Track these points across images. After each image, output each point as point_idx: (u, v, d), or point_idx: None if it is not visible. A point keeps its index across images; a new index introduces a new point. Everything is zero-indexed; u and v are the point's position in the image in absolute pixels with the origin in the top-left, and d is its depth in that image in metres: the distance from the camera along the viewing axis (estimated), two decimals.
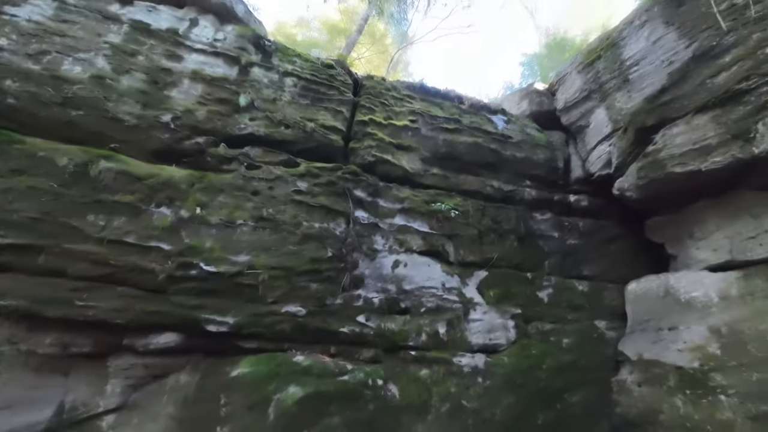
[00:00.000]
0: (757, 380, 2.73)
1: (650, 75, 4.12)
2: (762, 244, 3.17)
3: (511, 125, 5.23)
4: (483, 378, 3.33)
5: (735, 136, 3.14)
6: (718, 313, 3.19)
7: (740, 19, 3.37)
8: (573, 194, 5.05)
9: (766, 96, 2.96)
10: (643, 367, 3.42)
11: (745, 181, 3.35)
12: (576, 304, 4.15)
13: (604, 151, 4.70)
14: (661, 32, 4.11)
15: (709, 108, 3.34)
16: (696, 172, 3.43)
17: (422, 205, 4.20)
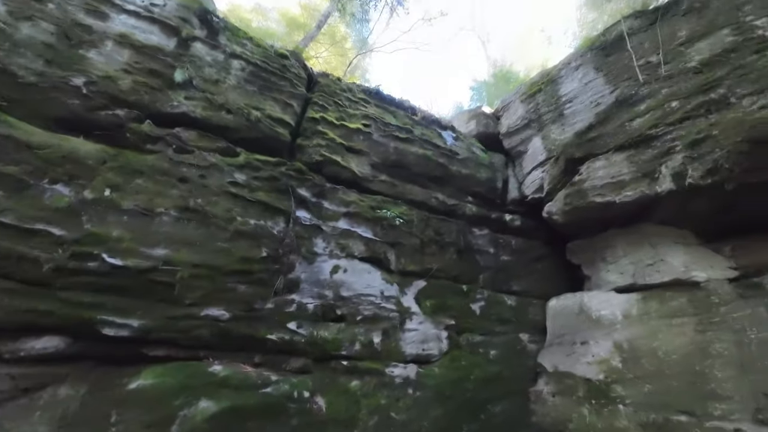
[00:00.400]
0: (648, 391, 3.09)
1: (581, 112, 4.59)
2: (659, 270, 3.64)
3: (459, 142, 5.44)
4: (414, 389, 3.31)
5: (644, 174, 3.59)
6: (622, 330, 3.57)
7: (653, 74, 3.91)
8: (509, 214, 5.38)
9: (670, 143, 3.44)
10: (557, 378, 3.69)
11: (648, 215, 3.83)
12: (504, 317, 4.38)
13: (538, 177, 5.10)
14: (592, 76, 4.61)
15: (625, 148, 3.78)
16: (611, 203, 3.85)
17: (368, 210, 4.12)
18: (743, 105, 3.08)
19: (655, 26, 4.15)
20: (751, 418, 2.56)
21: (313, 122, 4.17)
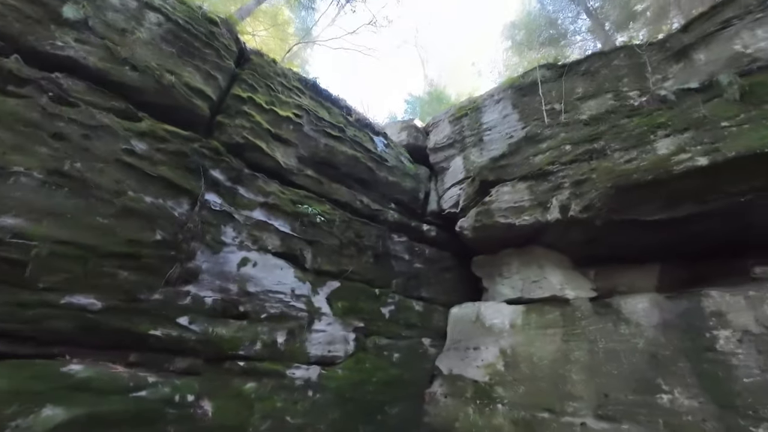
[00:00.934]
0: (522, 392, 3.53)
1: (497, 141, 5.11)
2: (541, 287, 4.22)
3: (389, 150, 5.57)
4: (314, 392, 3.22)
5: (539, 203, 4.15)
6: (507, 338, 4.03)
7: (555, 119, 4.57)
8: (426, 224, 5.68)
9: (561, 179, 4.03)
10: (451, 381, 3.98)
11: (538, 239, 4.43)
12: (411, 322, 4.58)
13: (455, 193, 5.51)
14: (509, 111, 5.19)
15: (527, 178, 4.32)
16: (512, 225, 4.35)
17: (289, 204, 3.93)
18: (615, 157, 3.78)
19: (561, 79, 4.87)
20: (593, 414, 3.10)
21: (238, 101, 3.83)
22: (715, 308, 3.12)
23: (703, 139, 3.36)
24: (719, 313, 3.08)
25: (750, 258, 3.58)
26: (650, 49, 4.59)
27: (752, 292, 3.05)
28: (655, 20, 8.80)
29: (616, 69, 4.70)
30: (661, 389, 2.94)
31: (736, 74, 3.51)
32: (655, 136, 3.63)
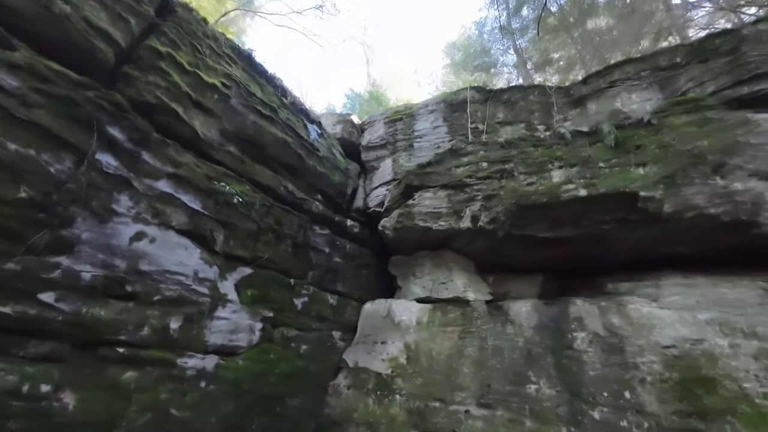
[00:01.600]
0: (419, 384, 3.79)
1: (426, 149, 5.42)
2: (448, 288, 4.59)
3: (322, 140, 5.48)
4: (207, 383, 2.98)
5: (455, 212, 4.51)
6: (413, 333, 4.28)
7: (478, 138, 5.03)
8: (351, 220, 5.73)
9: (475, 192, 4.45)
10: (355, 373, 4.08)
11: (450, 244, 4.81)
12: (323, 315, 4.56)
13: (382, 193, 5.68)
14: (440, 123, 5.54)
15: (448, 187, 4.67)
16: (429, 229, 4.65)
17: (203, 179, 3.59)
18: (519, 179, 4.32)
19: (487, 103, 5.39)
20: (476, 402, 3.48)
21: (154, 54, 3.37)
22: (577, 314, 3.78)
23: (586, 174, 4.04)
24: (579, 318, 3.74)
25: (606, 276, 4.43)
26: (558, 92, 5.36)
27: (603, 303, 3.78)
28: (566, 69, 10.36)
29: (531, 103, 5.37)
30: (530, 380, 3.45)
31: (614, 126, 4.31)
32: (552, 166, 4.25)
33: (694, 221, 3.71)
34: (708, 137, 3.75)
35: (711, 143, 3.70)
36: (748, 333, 3.22)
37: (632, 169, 3.91)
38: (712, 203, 3.62)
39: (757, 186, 3.55)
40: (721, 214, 3.61)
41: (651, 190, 3.72)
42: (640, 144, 4.03)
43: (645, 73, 4.77)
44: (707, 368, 3.03)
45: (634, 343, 3.37)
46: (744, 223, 3.61)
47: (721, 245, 3.91)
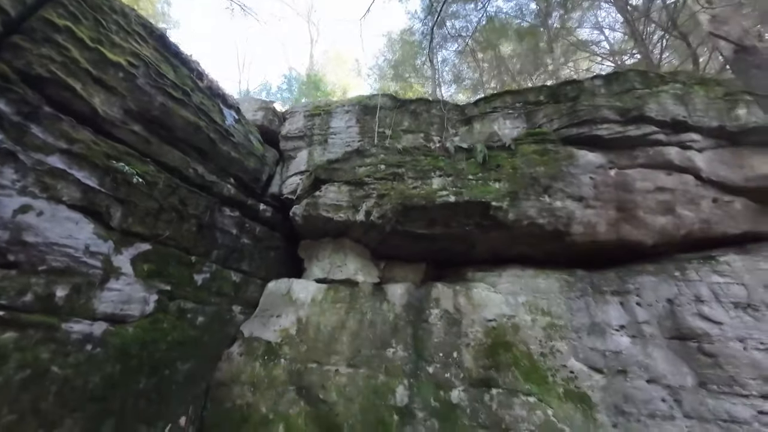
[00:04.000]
0: (303, 350, 4.44)
1: (338, 146, 5.97)
2: (342, 271, 5.28)
3: (239, 126, 5.70)
4: (93, 346, 3.26)
5: (353, 206, 5.17)
6: (306, 309, 4.91)
7: (382, 142, 5.72)
8: (264, 204, 6.09)
9: (371, 190, 5.15)
10: (248, 342, 4.59)
11: (349, 233, 5.49)
12: (224, 291, 4.94)
13: (296, 182, 6.12)
14: (353, 123, 6.12)
15: (350, 184, 5.30)
16: (331, 219, 5.26)
17: (101, 157, 3.71)
18: (408, 183, 5.11)
19: (395, 111, 6.09)
20: (346, 363, 4.25)
21: (48, 27, 3.38)
22: (437, 295, 4.74)
23: (457, 183, 4.97)
24: (438, 298, 4.70)
25: (471, 267, 5.49)
26: (454, 109, 6.26)
27: (457, 287, 4.78)
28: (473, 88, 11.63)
29: (432, 116, 6.21)
30: (391, 346, 4.31)
31: (485, 146, 5.30)
32: (434, 174, 5.11)
33: (529, 228, 4.85)
34: (545, 165, 4.89)
35: (545, 169, 4.84)
36: (546, 312, 4.43)
37: (491, 183, 4.92)
38: (540, 215, 4.77)
39: (571, 205, 4.78)
40: (546, 224, 4.79)
41: (500, 201, 4.76)
42: (500, 164, 5.07)
43: (518, 104, 5.86)
44: (510, 335, 4.15)
45: (469, 318, 4.40)
46: (561, 232, 4.84)
47: (548, 248, 5.14)
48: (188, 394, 3.98)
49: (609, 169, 4.91)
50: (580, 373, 3.91)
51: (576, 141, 5.10)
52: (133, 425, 3.42)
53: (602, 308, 4.40)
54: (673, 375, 3.84)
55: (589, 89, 5.43)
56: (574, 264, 5.13)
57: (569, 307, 4.47)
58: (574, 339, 4.16)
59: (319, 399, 3.83)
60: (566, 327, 4.26)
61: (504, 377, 3.76)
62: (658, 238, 4.85)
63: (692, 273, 4.52)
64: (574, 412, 3.55)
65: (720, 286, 4.40)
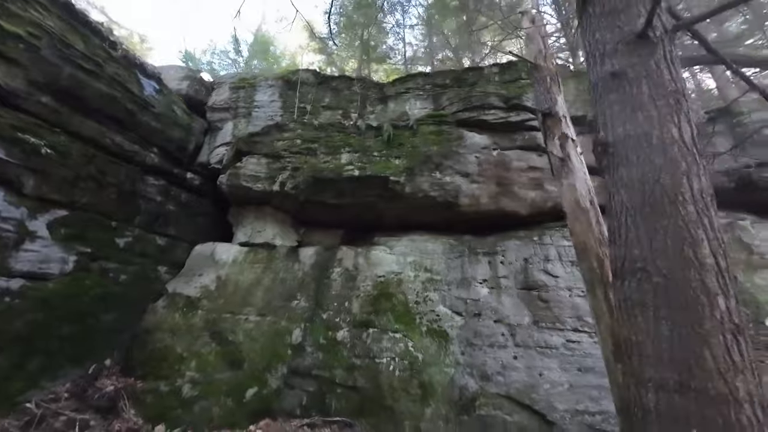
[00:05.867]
0: (220, 303, 5.12)
1: (261, 119, 6.34)
2: (261, 235, 5.90)
3: (160, 96, 5.89)
4: (12, 298, 3.73)
5: (270, 177, 5.70)
6: (226, 268, 5.54)
7: (301, 117, 6.15)
8: (191, 173, 6.45)
9: (287, 163, 5.67)
10: (171, 297, 5.19)
11: (270, 201, 6.05)
12: (149, 252, 5.43)
13: (222, 152, 6.49)
14: (276, 98, 6.46)
15: (269, 156, 5.78)
16: (250, 189, 5.78)
17: (7, 129, 3.96)
18: (320, 157, 5.68)
19: (317, 87, 6.48)
20: (257, 313, 5.00)
21: None
22: (341, 257, 5.52)
23: (363, 159, 5.60)
24: (341, 259, 5.49)
25: (380, 233, 6.29)
26: (374, 88, 6.74)
27: (359, 249, 5.58)
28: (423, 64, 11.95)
29: (352, 94, 6.66)
30: (296, 298, 5.10)
31: (392, 125, 5.92)
32: (344, 150, 5.69)
33: (423, 200, 5.64)
34: (438, 144, 5.61)
35: (438, 149, 5.57)
36: (428, 269, 5.36)
37: (392, 159, 5.60)
38: (432, 189, 5.56)
39: (458, 180, 5.59)
40: (437, 196, 5.59)
41: (398, 176, 5.48)
42: (402, 142, 5.73)
43: (428, 86, 6.45)
44: (394, 288, 5.05)
45: (364, 275, 5.25)
46: (450, 203, 5.67)
47: (443, 216, 6.00)
48: (113, 340, 4.59)
49: (492, 150, 5.73)
50: (444, 316, 4.91)
51: (467, 124, 5.83)
52: (59, 363, 4.02)
53: (473, 266, 5.38)
54: (515, 316, 4.93)
55: (486, 76, 6.10)
56: (467, 231, 6.06)
57: (448, 265, 5.42)
58: (445, 290, 5.13)
59: (228, 340, 4.59)
60: (441, 281, 5.23)
61: (380, 320, 4.69)
62: (530, 209, 5.83)
63: (547, 238, 5.58)
64: (431, 344, 4.57)
65: (565, 249, 5.50)
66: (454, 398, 4.26)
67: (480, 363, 4.55)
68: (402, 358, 4.34)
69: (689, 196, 1.51)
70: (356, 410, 4.02)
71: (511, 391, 4.34)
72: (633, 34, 1.76)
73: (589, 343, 4.78)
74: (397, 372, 4.23)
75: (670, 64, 1.69)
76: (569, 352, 4.68)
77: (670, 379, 1.38)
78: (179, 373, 4.19)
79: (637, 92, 1.72)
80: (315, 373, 4.26)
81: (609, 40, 1.86)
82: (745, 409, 1.25)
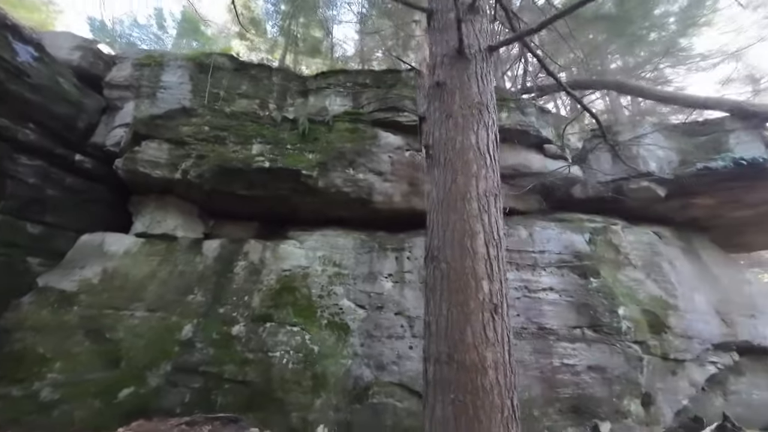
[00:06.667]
0: (104, 298, 4.68)
1: (167, 102, 5.90)
2: (161, 226, 5.51)
3: (40, 65, 5.20)
4: None
5: (172, 164, 5.33)
6: (116, 260, 5.08)
7: (212, 103, 5.85)
8: (82, 155, 5.78)
9: (192, 150, 5.35)
10: (41, 292, 4.62)
11: (173, 190, 5.66)
12: (18, 242, 4.78)
13: (121, 134, 5.91)
14: (186, 80, 6.06)
15: (171, 142, 5.41)
16: (149, 175, 5.36)
17: None
18: (229, 146, 5.46)
19: (233, 73, 6.20)
20: (146, 308, 4.66)
21: None
22: (247, 250, 5.37)
23: (275, 152, 5.49)
24: (247, 252, 5.34)
25: (295, 227, 6.22)
26: (296, 80, 6.64)
27: (268, 243, 5.47)
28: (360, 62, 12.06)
29: (273, 84, 6.50)
30: (193, 293, 4.86)
31: (308, 120, 5.89)
32: (255, 140, 5.53)
33: (336, 195, 5.69)
34: (353, 142, 5.70)
35: (352, 146, 5.67)
36: (337, 264, 5.43)
37: (306, 153, 5.58)
38: (346, 185, 5.64)
39: (372, 178, 5.73)
40: (351, 192, 5.68)
41: (310, 170, 5.46)
42: (318, 137, 5.73)
43: (349, 84, 6.52)
44: (299, 282, 5.05)
45: (269, 268, 5.17)
46: (364, 200, 5.79)
47: (359, 213, 6.12)
48: None
49: (405, 150, 5.98)
50: (348, 309, 5.03)
51: (383, 124, 6.01)
52: None
53: (381, 261, 5.58)
54: (415, 308, 5.21)
55: (404, 80, 6.34)
56: (382, 228, 6.24)
57: (357, 260, 5.55)
58: (350, 284, 5.26)
59: (106, 338, 4.22)
60: (348, 275, 5.34)
61: (280, 314, 4.66)
62: None
63: None
64: (329, 336, 4.65)
65: None
66: (348, 388, 4.39)
67: (377, 354, 4.74)
68: (297, 351, 4.36)
69: (475, 195, 1.73)
70: (244, 405, 3.96)
71: (404, 379, 4.59)
72: (454, 50, 1.97)
73: None
74: (291, 365, 4.24)
75: (479, 79, 1.93)
76: None
77: (444, 352, 1.58)
78: (38, 376, 3.75)
79: (450, 101, 1.93)
80: (202, 370, 4.10)
81: (439, 53, 2.06)
82: (489, 375, 1.47)
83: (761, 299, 7.21)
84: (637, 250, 6.55)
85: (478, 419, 1.40)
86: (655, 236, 6.97)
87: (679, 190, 6.72)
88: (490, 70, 2.00)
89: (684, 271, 6.66)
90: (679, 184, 6.61)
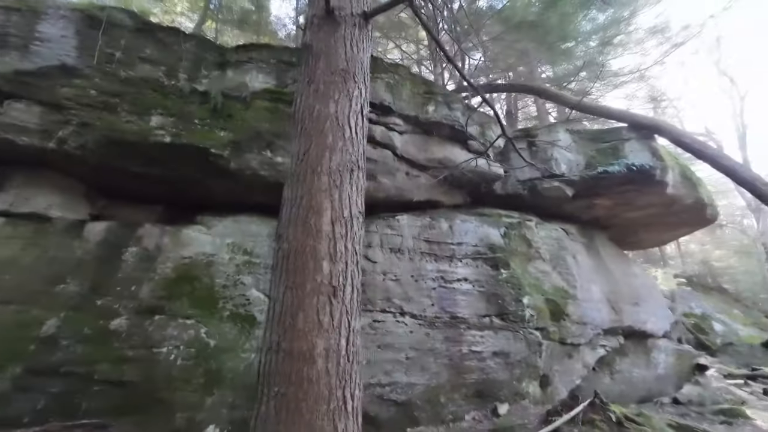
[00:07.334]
0: None
1: (46, 57, 4.93)
2: (29, 204, 4.64)
3: None
4: None
5: (45, 131, 4.50)
6: None
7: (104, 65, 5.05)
8: None
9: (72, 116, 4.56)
10: None
11: (51, 163, 4.80)
12: None
13: None
14: (71, 34, 5.15)
15: (45, 104, 4.55)
16: (13, 142, 4.46)
17: None
18: (121, 116, 4.74)
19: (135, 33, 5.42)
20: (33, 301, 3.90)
21: None
22: (141, 235, 4.75)
23: (179, 126, 4.90)
24: (141, 237, 4.73)
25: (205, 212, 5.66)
26: (213, 50, 6.02)
27: (167, 228, 4.90)
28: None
29: (185, 52, 5.81)
30: (65, 281, 4.16)
31: (222, 94, 5.36)
32: (155, 111, 4.88)
33: (252, 178, 5.26)
34: (271, 122, 5.31)
35: (270, 126, 5.27)
36: (248, 252, 5.05)
37: (217, 131, 5.06)
38: (262, 168, 5.24)
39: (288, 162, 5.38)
40: (268, 176, 5.29)
41: (221, 149, 4.97)
42: (232, 114, 5.24)
43: (273, 60, 6.08)
44: (200, 270, 4.60)
45: (166, 255, 4.63)
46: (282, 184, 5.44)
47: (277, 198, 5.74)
48: None
49: None
50: (256, 300, 4.70)
51: None
52: None
53: None
54: None
55: None
56: None
57: (271, 248, 5.20)
58: (261, 274, 4.92)
59: None
60: (259, 264, 4.99)
61: (172, 305, 4.19)
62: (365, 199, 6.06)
63: (374, 226, 5.90)
64: (231, 329, 4.30)
65: (387, 237, 5.91)
66: (250, 383, 4.09)
67: None
68: (189, 346, 3.95)
69: (326, 168, 1.57)
70: (117, 408, 3.48)
71: None
72: (323, 11, 1.79)
73: (392, 322, 5.22)
74: (179, 361, 3.82)
75: (347, 45, 1.77)
76: (373, 331, 5.02)
77: (275, 341, 1.40)
78: None
79: (314, 66, 1.75)
80: (65, 370, 3.51)
81: (310, 14, 1.87)
82: (318, 364, 1.32)
83: (644, 290, 8.26)
84: (547, 245, 7.08)
85: (299, 412, 1.26)
86: (563, 232, 7.59)
87: (584, 191, 7.38)
88: (364, 38, 1.85)
89: (584, 264, 7.35)
90: (584, 185, 7.25)
